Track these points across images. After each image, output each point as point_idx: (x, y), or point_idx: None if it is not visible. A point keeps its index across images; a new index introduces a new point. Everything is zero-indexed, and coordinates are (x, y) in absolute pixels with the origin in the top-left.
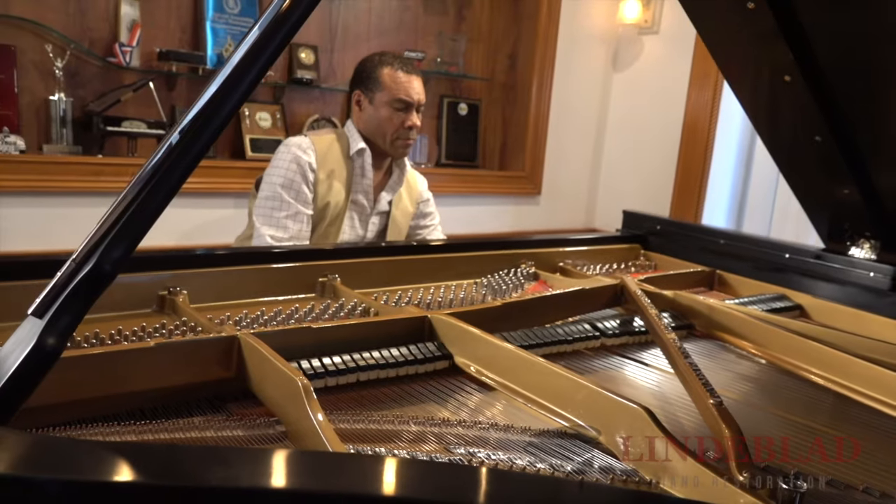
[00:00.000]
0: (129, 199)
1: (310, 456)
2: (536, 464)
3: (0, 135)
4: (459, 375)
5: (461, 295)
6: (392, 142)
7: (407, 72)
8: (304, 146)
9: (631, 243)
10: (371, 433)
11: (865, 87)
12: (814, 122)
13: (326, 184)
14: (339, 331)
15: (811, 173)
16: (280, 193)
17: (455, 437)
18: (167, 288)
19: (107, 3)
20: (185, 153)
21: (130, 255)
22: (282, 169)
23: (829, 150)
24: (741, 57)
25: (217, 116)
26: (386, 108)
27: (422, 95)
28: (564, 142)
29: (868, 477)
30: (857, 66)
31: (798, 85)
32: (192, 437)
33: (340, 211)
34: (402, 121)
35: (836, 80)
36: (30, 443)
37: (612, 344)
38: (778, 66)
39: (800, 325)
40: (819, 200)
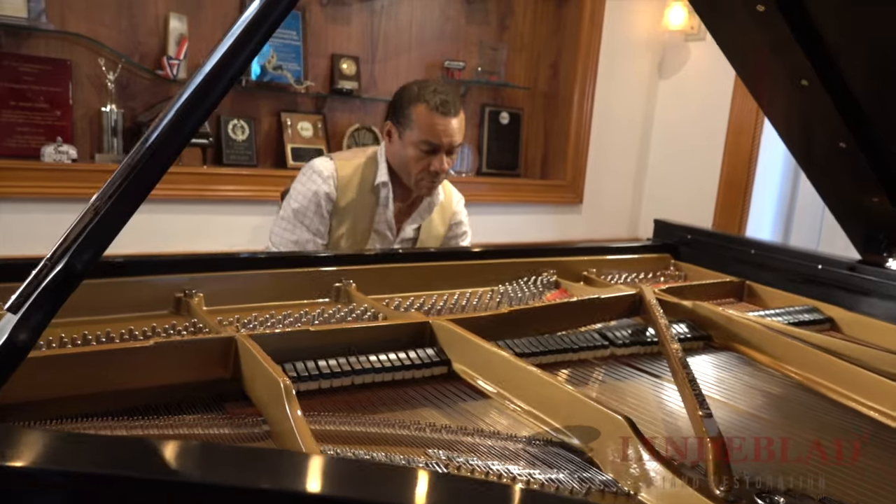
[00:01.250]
0: (98, 204)
1: (245, 453)
2: (513, 470)
3: (54, 144)
4: (457, 381)
5: (474, 302)
6: (416, 182)
7: (443, 113)
8: (325, 174)
9: (661, 253)
10: (355, 435)
11: (892, 93)
12: (836, 127)
13: (344, 213)
14: (336, 334)
15: (839, 180)
16: (293, 218)
17: (438, 443)
18: (184, 290)
19: (156, 18)
20: (153, 161)
21: (100, 257)
22: (300, 194)
23: (854, 157)
24: (756, 61)
25: (185, 125)
26: (413, 148)
27: (456, 137)
28: (607, 150)
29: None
30: (881, 71)
31: (816, 89)
32: (181, 433)
33: (359, 240)
34: (428, 164)
35: (857, 84)
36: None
37: (622, 354)
38: (793, 70)
39: (821, 339)
40: (849, 209)
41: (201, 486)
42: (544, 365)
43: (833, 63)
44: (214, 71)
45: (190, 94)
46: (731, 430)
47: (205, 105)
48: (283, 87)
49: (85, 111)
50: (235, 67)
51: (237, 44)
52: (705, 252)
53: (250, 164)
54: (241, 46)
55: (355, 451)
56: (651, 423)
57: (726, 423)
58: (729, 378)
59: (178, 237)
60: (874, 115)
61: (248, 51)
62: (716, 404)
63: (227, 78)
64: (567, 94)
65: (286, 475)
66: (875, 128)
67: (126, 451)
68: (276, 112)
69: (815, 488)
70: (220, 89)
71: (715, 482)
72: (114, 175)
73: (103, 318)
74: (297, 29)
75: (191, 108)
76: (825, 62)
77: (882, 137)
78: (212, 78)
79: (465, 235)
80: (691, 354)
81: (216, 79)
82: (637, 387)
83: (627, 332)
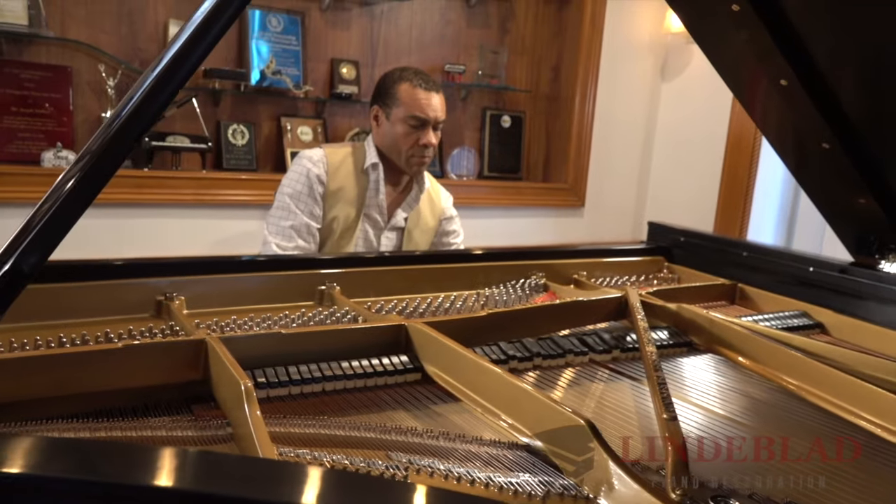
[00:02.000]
0: (45, 206)
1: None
2: (473, 473)
3: (53, 150)
4: (431, 385)
5: (458, 305)
6: (407, 159)
7: (426, 88)
8: (315, 159)
9: (654, 255)
10: (319, 438)
11: (875, 94)
12: (818, 128)
13: (335, 197)
14: (308, 338)
15: (826, 182)
16: (288, 204)
17: (402, 445)
18: (165, 293)
19: (156, 24)
20: (98, 166)
21: (47, 260)
22: (291, 180)
23: (838, 158)
24: (737, 61)
25: (133, 128)
26: (402, 124)
27: (440, 113)
28: (610, 153)
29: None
30: (861, 71)
31: (795, 89)
32: (144, 435)
33: (351, 225)
34: (418, 138)
35: (837, 85)
36: None
37: (602, 359)
38: (772, 70)
39: (804, 342)
40: (838, 211)
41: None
42: (520, 369)
43: (812, 63)
44: (160, 76)
45: (138, 97)
46: (702, 433)
47: (150, 111)
48: (282, 92)
49: (86, 117)
50: (183, 71)
51: (186, 47)
52: (699, 254)
53: (250, 169)
54: (191, 47)
55: (315, 454)
56: (623, 426)
57: (699, 425)
58: (708, 381)
59: (176, 241)
60: (856, 116)
61: (199, 50)
62: (691, 407)
63: (176, 80)
64: (568, 97)
65: (161, 472)
66: (858, 129)
67: (48, 453)
68: (276, 117)
69: (785, 489)
70: (168, 91)
71: (672, 485)
72: (59, 178)
73: (83, 321)
74: (297, 34)
75: (137, 112)
76: (803, 62)
77: (865, 138)
78: (158, 82)
79: (457, 235)
80: (674, 357)
81: (163, 82)
82: (615, 390)
83: (609, 336)
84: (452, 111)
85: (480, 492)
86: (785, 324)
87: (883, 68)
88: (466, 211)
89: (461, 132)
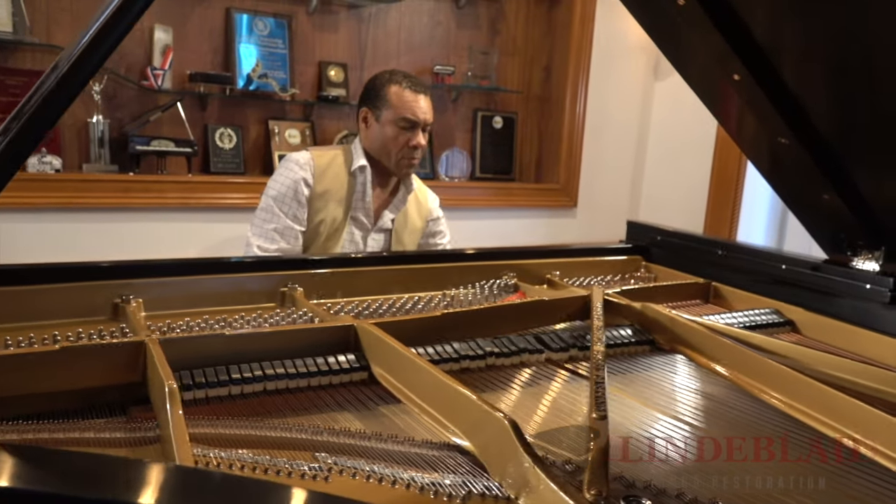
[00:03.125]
0: None
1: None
2: (397, 473)
3: (38, 155)
4: (377, 385)
5: (420, 306)
6: (397, 161)
7: (415, 91)
8: (301, 162)
9: (632, 255)
10: (249, 439)
11: (831, 90)
12: (774, 122)
13: (322, 200)
14: (253, 339)
15: (789, 179)
16: (272, 206)
17: (331, 446)
18: (121, 296)
19: (142, 30)
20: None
21: None
22: (277, 183)
23: (797, 153)
24: (690, 54)
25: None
26: (391, 126)
27: (428, 115)
28: (602, 153)
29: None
30: (813, 65)
31: (748, 83)
32: (72, 437)
33: (338, 227)
34: (407, 140)
35: (790, 79)
36: None
37: (559, 358)
38: (724, 64)
39: (765, 341)
40: (804, 207)
41: None
42: (472, 368)
43: (764, 57)
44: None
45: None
46: (645, 432)
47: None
48: (269, 96)
49: (72, 122)
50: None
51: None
52: (676, 253)
53: (238, 172)
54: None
55: (239, 455)
56: (560, 425)
57: (643, 425)
58: (664, 380)
59: (163, 245)
60: (812, 110)
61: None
62: (641, 407)
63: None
64: (559, 97)
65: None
66: (814, 123)
67: None
68: (263, 120)
69: (718, 489)
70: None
71: (588, 485)
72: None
73: (37, 323)
74: (284, 37)
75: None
76: (755, 56)
77: (822, 133)
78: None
79: (443, 235)
80: (636, 356)
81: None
82: (568, 390)
83: (568, 335)
84: (443, 113)
85: (400, 492)
86: (755, 322)
87: (837, 63)
88: (458, 213)
89: (452, 134)
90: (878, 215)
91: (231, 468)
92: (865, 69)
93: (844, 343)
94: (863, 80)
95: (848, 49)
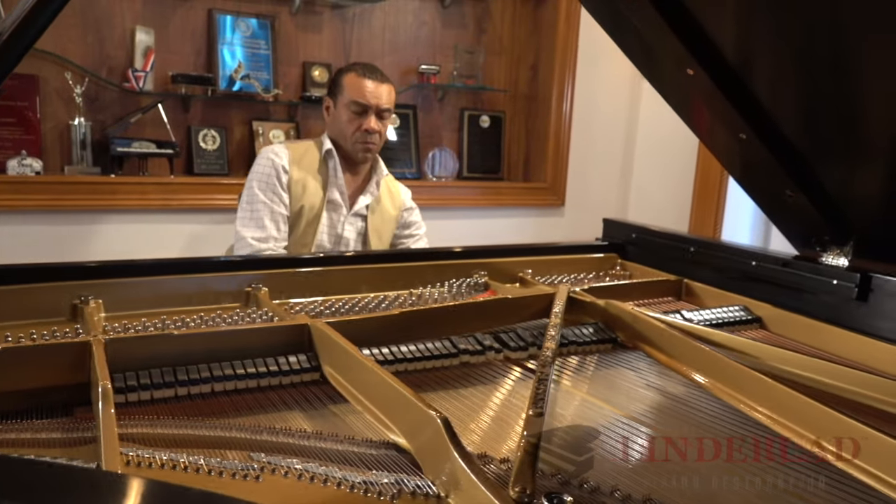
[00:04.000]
0: None
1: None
2: (330, 472)
3: (18, 158)
4: (328, 385)
5: (384, 305)
6: (353, 144)
7: (370, 78)
8: (276, 150)
9: (607, 252)
10: (187, 439)
11: (791, 84)
12: (731, 118)
13: (301, 184)
14: (202, 339)
15: (753, 175)
16: (256, 195)
17: (268, 445)
18: (80, 296)
19: (123, 31)
20: None
21: None
22: (256, 173)
23: (757, 148)
24: (649, 53)
25: None
26: (345, 110)
27: (383, 101)
28: (590, 152)
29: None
30: (768, 59)
31: (702, 79)
32: (7, 438)
33: (317, 212)
34: (360, 124)
35: (745, 74)
36: None
37: (518, 357)
38: (676, 60)
39: (726, 339)
40: (770, 203)
41: None
42: (428, 369)
43: (717, 51)
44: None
45: None
46: (587, 429)
47: None
48: (252, 96)
49: (54, 125)
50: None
51: None
52: (651, 251)
53: (222, 173)
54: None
55: (172, 455)
56: (503, 423)
57: (588, 422)
58: (619, 378)
59: (146, 246)
60: (771, 105)
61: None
62: (595, 404)
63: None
64: (546, 96)
65: None
66: (773, 118)
67: None
68: (247, 121)
69: (657, 487)
70: None
71: (514, 482)
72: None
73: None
74: (267, 38)
75: None
76: (707, 50)
77: (782, 128)
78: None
79: (419, 226)
80: (597, 354)
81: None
82: (522, 388)
83: (528, 334)
84: (429, 112)
85: (331, 491)
86: (723, 319)
87: (797, 56)
88: (446, 212)
89: (439, 133)
90: (843, 211)
91: (163, 468)
92: (827, 63)
93: (810, 339)
94: (824, 74)
95: (808, 42)
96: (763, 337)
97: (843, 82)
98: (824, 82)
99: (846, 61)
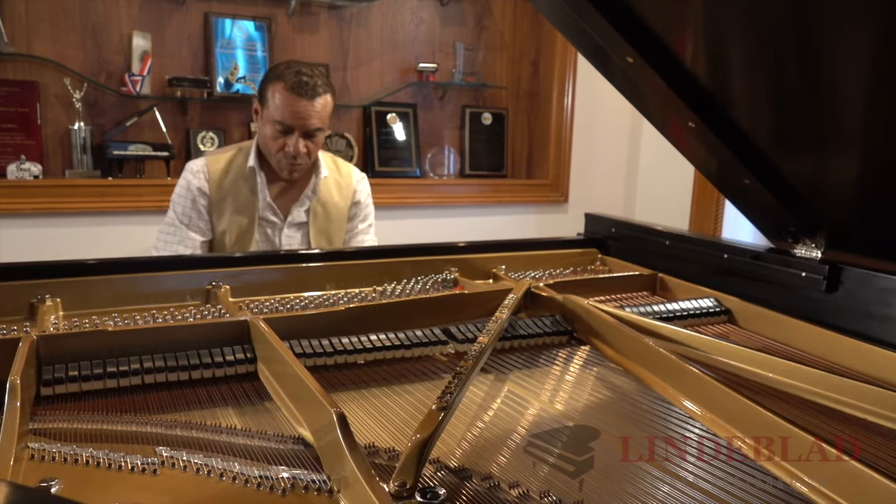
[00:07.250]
0: None
1: None
2: (230, 466)
3: (17, 162)
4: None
5: (342, 301)
6: (277, 163)
7: (298, 94)
8: (195, 170)
9: (587, 247)
10: (101, 434)
11: (737, 69)
12: (677, 105)
13: (222, 207)
14: (137, 335)
15: (710, 164)
16: (173, 219)
17: (178, 440)
18: (37, 295)
19: (120, 37)
20: None
21: None
22: (176, 195)
23: (705, 136)
24: (591, 42)
25: None
26: (269, 126)
27: (312, 121)
28: (593, 147)
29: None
30: (708, 46)
31: (642, 67)
32: None
33: (247, 229)
34: (283, 145)
35: (687, 60)
36: None
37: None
38: (616, 49)
39: (678, 334)
40: (732, 192)
41: None
42: (368, 362)
43: (656, 39)
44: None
45: None
46: (507, 424)
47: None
48: (250, 98)
49: (55, 129)
50: None
51: None
52: (629, 246)
53: None
54: None
55: (76, 449)
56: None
57: (513, 416)
58: (563, 373)
59: (142, 248)
60: (713, 89)
61: None
62: (526, 400)
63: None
64: (547, 92)
65: None
66: (719, 104)
67: None
68: (246, 122)
69: (556, 482)
70: None
71: (396, 475)
72: None
73: None
74: (263, 41)
75: None
76: (645, 38)
77: (730, 114)
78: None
79: (366, 218)
80: (551, 347)
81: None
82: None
83: (475, 329)
84: (429, 110)
85: (225, 485)
86: (691, 312)
87: (744, 39)
88: (448, 210)
89: (440, 131)
90: (809, 201)
91: (65, 461)
92: (784, 50)
93: (776, 333)
94: (781, 63)
95: (766, 33)
96: (724, 332)
97: (803, 72)
98: (781, 70)
99: (807, 49)
